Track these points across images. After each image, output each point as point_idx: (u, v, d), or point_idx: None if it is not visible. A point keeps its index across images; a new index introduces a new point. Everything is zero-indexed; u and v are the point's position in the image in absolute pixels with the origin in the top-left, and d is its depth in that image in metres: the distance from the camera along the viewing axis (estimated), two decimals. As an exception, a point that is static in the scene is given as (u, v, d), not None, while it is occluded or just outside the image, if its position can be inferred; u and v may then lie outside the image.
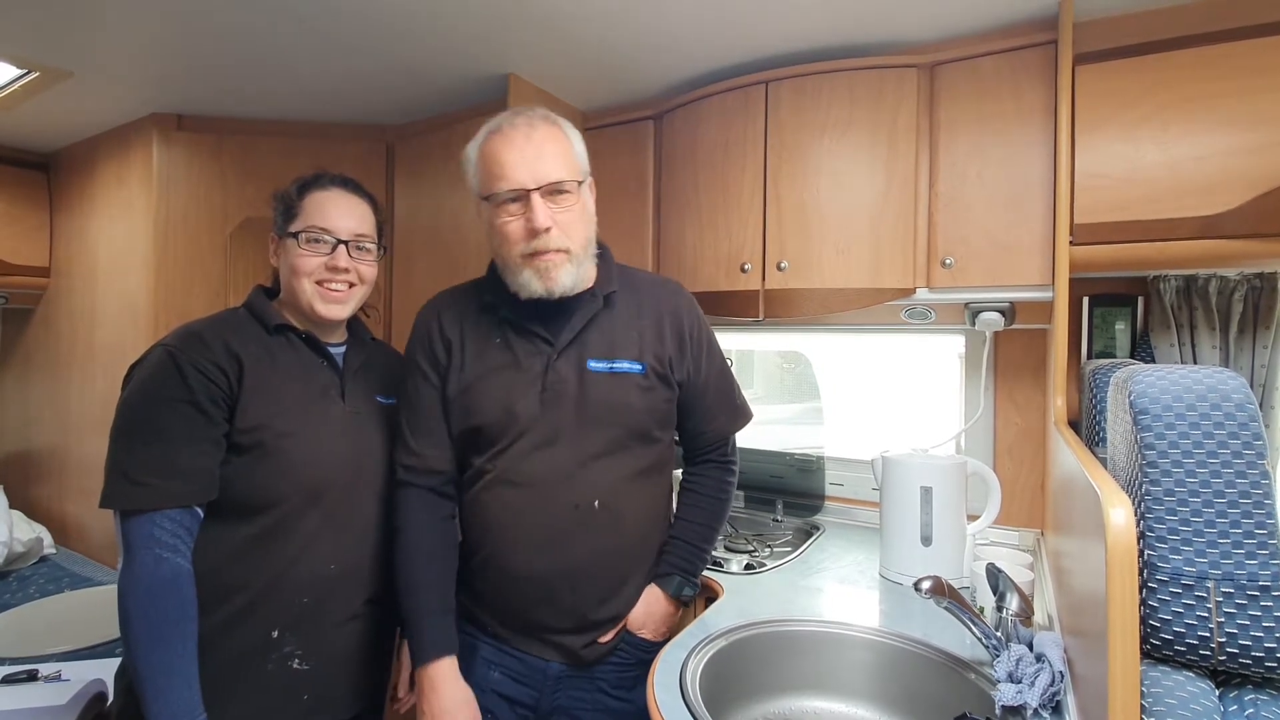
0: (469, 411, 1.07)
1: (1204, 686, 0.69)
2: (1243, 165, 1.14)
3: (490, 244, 1.09)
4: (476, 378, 1.07)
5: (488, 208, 1.06)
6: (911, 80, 1.48)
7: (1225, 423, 0.66)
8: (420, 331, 1.12)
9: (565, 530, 1.06)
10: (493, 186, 1.03)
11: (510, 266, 1.05)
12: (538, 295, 1.04)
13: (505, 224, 1.03)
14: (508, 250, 1.04)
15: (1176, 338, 1.44)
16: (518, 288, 1.05)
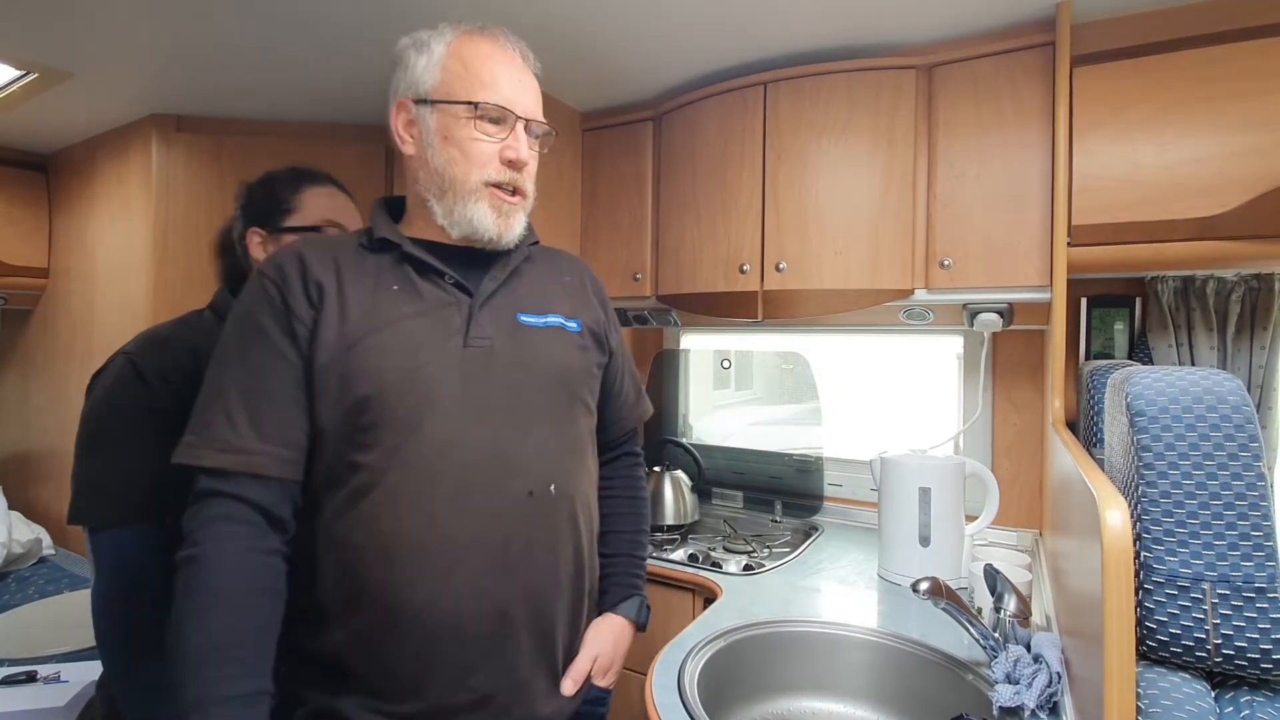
0: (353, 379, 0.76)
1: (1200, 688, 0.69)
2: (1240, 167, 1.14)
3: (422, 163, 0.85)
4: (367, 332, 0.78)
5: (444, 116, 0.84)
6: (910, 82, 1.48)
7: (1222, 424, 0.66)
8: (267, 280, 0.79)
9: (521, 531, 0.81)
10: (476, 93, 0.84)
11: (459, 192, 0.84)
12: (484, 237, 0.85)
13: (475, 140, 0.84)
14: (465, 171, 0.83)
15: (1174, 338, 1.44)
16: (455, 222, 0.85)
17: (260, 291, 0.80)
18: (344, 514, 0.77)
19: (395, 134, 0.87)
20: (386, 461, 0.77)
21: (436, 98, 0.84)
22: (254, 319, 0.78)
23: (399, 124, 0.87)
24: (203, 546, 0.71)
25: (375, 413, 0.77)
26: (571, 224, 1.96)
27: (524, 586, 0.81)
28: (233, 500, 0.73)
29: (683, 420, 2.23)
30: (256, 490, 0.74)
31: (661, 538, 1.74)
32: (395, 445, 0.77)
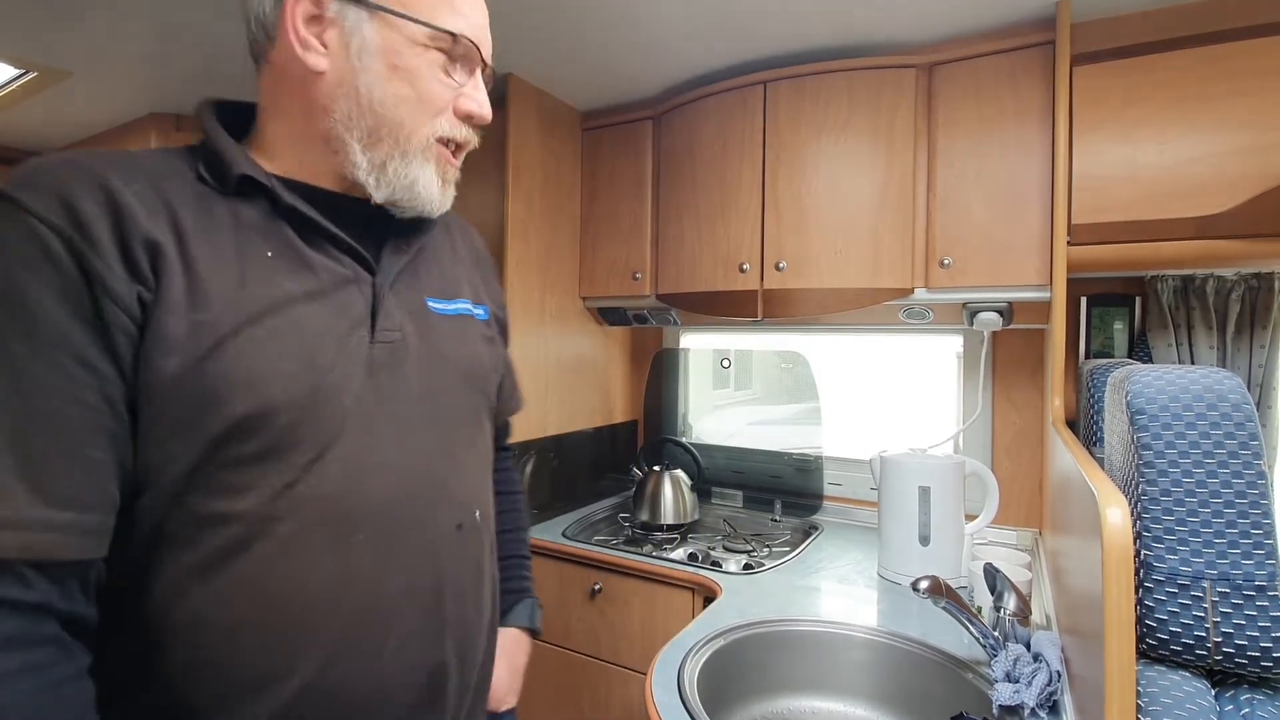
0: (221, 394, 0.53)
1: (1200, 686, 0.69)
2: (1240, 166, 1.14)
3: (345, 88, 0.61)
4: (239, 321, 0.55)
5: (391, 33, 0.61)
6: (909, 80, 1.48)
7: (1222, 423, 0.66)
8: (44, 227, 0.50)
9: (453, 573, 0.66)
10: (442, 16, 0.63)
11: (402, 144, 0.63)
12: (420, 208, 0.67)
13: (434, 81, 0.64)
14: (414, 117, 0.63)
15: (1174, 337, 1.44)
16: (389, 181, 0.64)
17: (33, 251, 0.49)
18: (200, 585, 0.54)
19: (287, 27, 0.59)
20: (274, 507, 0.55)
21: (384, 3, 0.61)
22: (25, 302, 0.48)
23: (296, 15, 0.59)
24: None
25: (259, 440, 0.55)
26: (571, 223, 1.96)
27: (457, 636, 0.66)
28: (12, 612, 0.47)
29: (682, 420, 2.23)
30: (45, 586, 0.48)
31: (661, 537, 1.74)
32: (290, 482, 0.56)
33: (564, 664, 1.66)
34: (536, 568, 1.72)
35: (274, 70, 0.62)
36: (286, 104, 0.63)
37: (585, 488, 2.05)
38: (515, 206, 1.72)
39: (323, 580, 0.57)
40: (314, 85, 0.61)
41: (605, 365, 2.14)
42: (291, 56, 0.60)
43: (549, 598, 1.70)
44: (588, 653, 1.63)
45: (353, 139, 0.62)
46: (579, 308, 2.01)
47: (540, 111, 1.81)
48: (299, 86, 0.62)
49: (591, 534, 1.77)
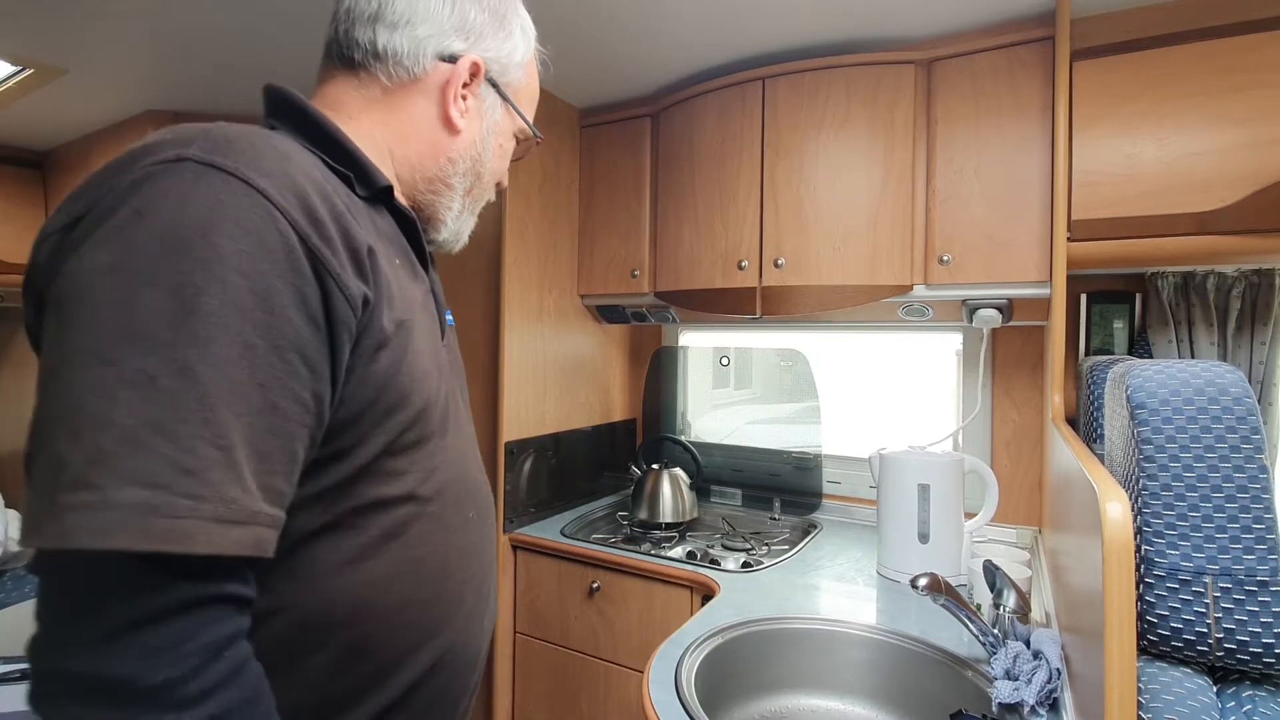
0: (408, 391, 0.59)
1: (1202, 683, 0.68)
2: (1239, 161, 1.13)
3: (468, 146, 0.72)
4: (410, 323, 0.61)
5: (507, 119, 0.76)
6: (909, 76, 1.48)
7: (1223, 417, 0.66)
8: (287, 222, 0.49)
9: (491, 560, 0.74)
10: (528, 106, 0.79)
11: (477, 200, 0.77)
12: (457, 247, 0.79)
13: (506, 158, 0.79)
14: (488, 171, 0.76)
15: (1174, 334, 1.44)
16: (458, 222, 0.76)
17: (276, 243, 0.48)
18: (364, 568, 0.57)
19: (448, 84, 0.68)
20: (425, 488, 0.61)
21: (517, 101, 0.76)
22: (268, 295, 0.47)
23: (457, 82, 0.69)
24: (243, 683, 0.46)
25: (418, 430, 0.61)
26: (569, 221, 1.95)
27: (489, 622, 0.74)
28: (242, 609, 0.48)
29: (681, 418, 2.22)
30: (247, 581, 0.48)
31: (660, 535, 1.74)
32: (434, 467, 0.63)
33: (562, 662, 1.66)
34: (535, 565, 1.72)
35: (396, 101, 0.68)
36: (405, 135, 0.69)
37: (583, 486, 2.04)
38: (513, 204, 1.72)
39: (458, 553, 0.65)
40: (448, 137, 0.71)
41: (604, 363, 2.14)
42: (434, 104, 0.69)
43: (547, 596, 1.69)
44: (586, 651, 1.62)
45: (460, 189, 0.74)
46: (577, 306, 2.00)
47: (538, 108, 1.79)
48: (430, 130, 0.70)
49: (590, 532, 1.77)
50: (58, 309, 0.45)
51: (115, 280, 0.44)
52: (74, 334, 0.44)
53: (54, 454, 0.42)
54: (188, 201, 0.46)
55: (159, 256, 0.44)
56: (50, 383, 0.44)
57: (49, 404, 0.44)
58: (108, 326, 0.43)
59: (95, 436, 0.41)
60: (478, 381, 1.79)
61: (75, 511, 0.40)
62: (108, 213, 0.46)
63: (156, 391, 0.43)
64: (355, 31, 0.66)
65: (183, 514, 0.42)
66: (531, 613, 1.72)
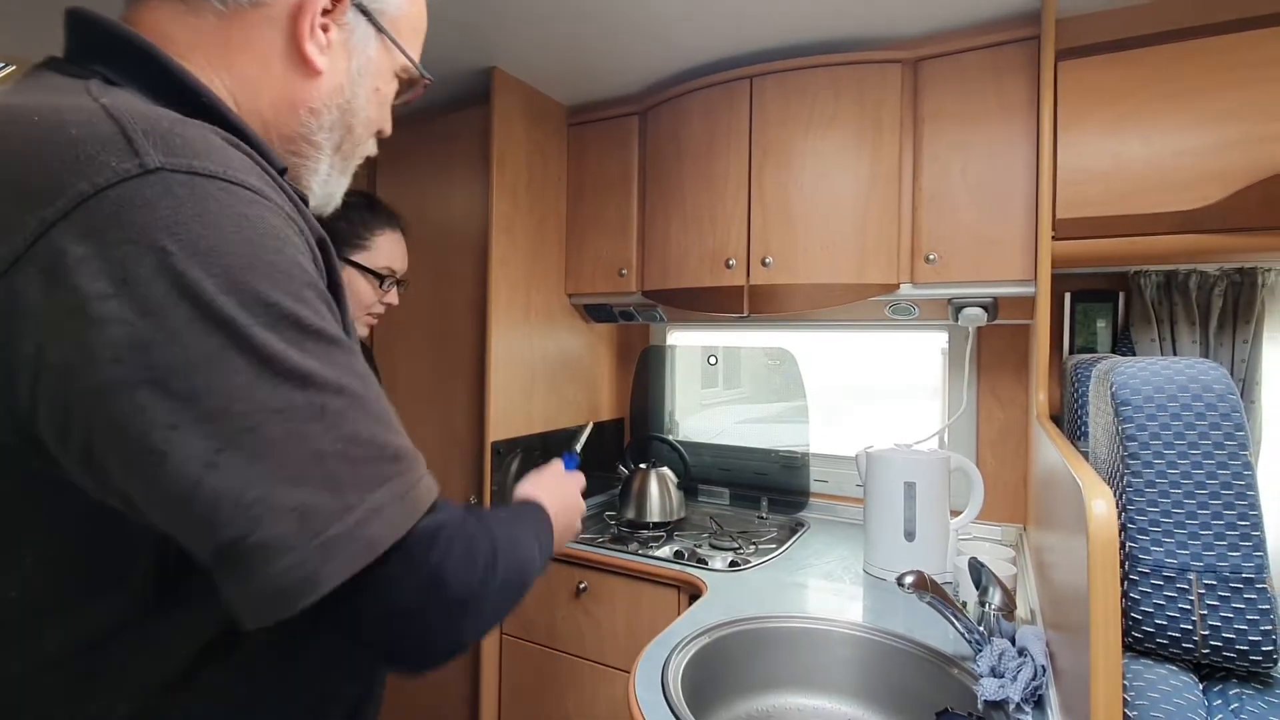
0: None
1: (1188, 679, 0.68)
2: (1222, 160, 1.14)
3: (335, 92, 0.58)
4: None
5: (386, 58, 0.62)
6: (895, 75, 1.48)
7: (1207, 413, 0.66)
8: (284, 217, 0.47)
9: None
10: (413, 37, 0.65)
11: (349, 157, 0.64)
12: (323, 212, 0.67)
13: (385, 105, 0.65)
14: (361, 122, 0.62)
15: (1157, 333, 1.45)
16: (326, 185, 0.63)
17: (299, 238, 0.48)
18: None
19: (297, 20, 0.54)
20: None
21: (390, 27, 0.61)
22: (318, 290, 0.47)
23: (312, 10, 0.54)
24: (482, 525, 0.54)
25: None
26: (556, 219, 1.94)
27: None
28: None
29: (669, 417, 2.22)
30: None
31: (647, 535, 1.73)
32: None
33: (549, 663, 1.65)
34: (521, 567, 1.71)
35: (238, 36, 0.53)
36: (251, 80, 0.54)
37: (571, 486, 2.03)
38: (500, 202, 1.70)
39: None
40: (304, 81, 0.56)
41: (591, 362, 2.13)
42: (284, 38, 0.54)
43: (533, 596, 1.68)
44: (572, 652, 1.61)
45: (326, 146, 0.60)
46: (564, 305, 1.99)
47: (525, 106, 1.79)
48: (282, 73, 0.55)
49: (577, 532, 1.75)
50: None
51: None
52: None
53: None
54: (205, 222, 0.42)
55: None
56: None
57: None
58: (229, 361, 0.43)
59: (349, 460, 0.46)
60: (464, 380, 1.77)
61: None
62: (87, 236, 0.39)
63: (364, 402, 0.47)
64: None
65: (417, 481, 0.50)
66: (518, 614, 1.70)
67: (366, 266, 1.17)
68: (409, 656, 0.49)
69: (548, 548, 0.66)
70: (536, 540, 0.62)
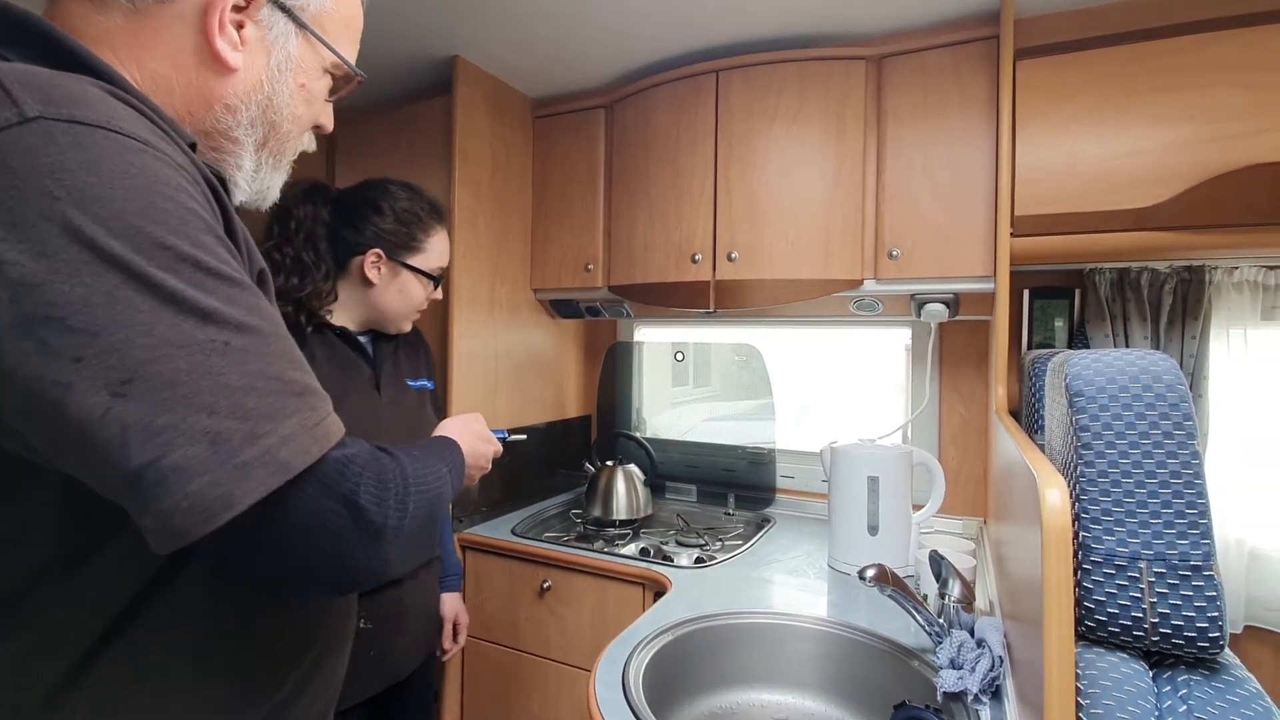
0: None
1: (1138, 667, 0.69)
2: (1174, 159, 1.17)
3: (253, 87, 0.58)
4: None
5: (308, 51, 0.61)
6: (859, 72, 1.49)
7: (1157, 403, 0.67)
8: (181, 174, 0.47)
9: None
10: (346, 47, 0.65)
11: (279, 154, 0.64)
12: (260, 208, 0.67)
13: (315, 100, 0.64)
14: (295, 131, 0.64)
15: (1110, 328, 1.48)
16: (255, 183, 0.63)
17: (201, 202, 0.48)
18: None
19: (213, 10, 0.53)
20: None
21: (312, 22, 0.60)
22: (222, 254, 0.48)
23: (225, 6, 0.54)
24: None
25: None
26: (522, 213, 1.91)
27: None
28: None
29: (636, 414, 2.20)
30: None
31: (613, 533, 1.71)
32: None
33: (512, 664, 1.62)
34: (484, 566, 1.68)
35: (148, 31, 0.52)
36: (164, 78, 0.54)
37: (536, 484, 2.00)
38: (463, 194, 1.67)
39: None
40: (218, 78, 0.56)
41: (557, 358, 2.10)
42: (195, 32, 0.54)
43: (497, 597, 1.65)
44: (537, 652, 1.59)
45: (250, 143, 0.60)
46: (530, 299, 1.96)
47: (489, 97, 1.75)
48: (193, 68, 0.55)
49: (542, 531, 1.73)
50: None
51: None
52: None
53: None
54: (96, 166, 0.42)
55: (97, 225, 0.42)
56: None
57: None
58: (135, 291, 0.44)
59: (237, 399, 0.47)
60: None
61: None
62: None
63: (278, 345, 0.50)
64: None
65: (320, 421, 0.52)
66: (480, 615, 1.67)
67: (422, 270, 1.20)
68: (326, 577, 0.51)
69: (458, 480, 0.70)
70: (449, 471, 0.65)
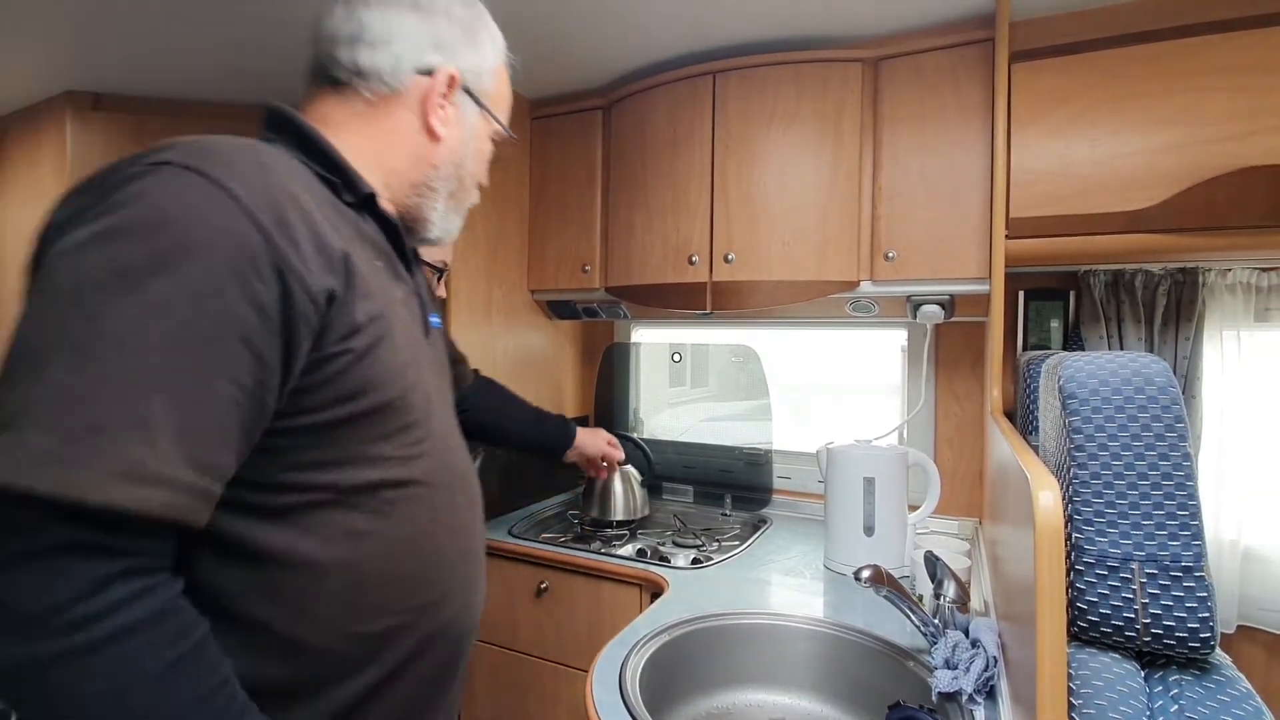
0: (382, 378, 0.63)
1: (1130, 667, 0.70)
2: (1166, 162, 1.18)
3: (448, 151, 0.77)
4: (386, 319, 0.65)
5: (485, 124, 0.80)
6: (856, 74, 1.49)
7: (1149, 405, 0.67)
8: (252, 226, 0.53)
9: (481, 546, 0.80)
10: (503, 110, 0.83)
11: (462, 201, 0.82)
12: (445, 242, 0.84)
13: (483, 152, 0.82)
14: (469, 174, 0.80)
15: (1105, 330, 1.49)
16: (444, 222, 0.80)
17: (234, 242, 0.52)
18: (358, 540, 0.63)
19: (429, 95, 0.73)
20: (410, 473, 0.67)
21: (487, 104, 0.80)
22: (220, 290, 0.51)
23: (435, 93, 0.73)
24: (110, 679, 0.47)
25: (398, 419, 0.66)
26: (519, 214, 1.92)
27: (479, 598, 0.80)
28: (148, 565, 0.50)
29: (633, 414, 2.21)
30: (164, 547, 0.52)
31: (611, 533, 1.72)
32: (417, 455, 0.68)
33: (510, 664, 1.62)
34: (482, 567, 1.68)
35: (380, 113, 0.73)
36: (390, 145, 0.73)
37: (534, 485, 2.01)
38: (459, 195, 1.67)
39: (448, 533, 0.71)
40: (430, 145, 0.75)
41: (555, 359, 2.11)
42: (415, 115, 0.73)
43: (494, 598, 1.65)
44: (534, 653, 1.59)
45: (444, 192, 0.78)
46: (527, 301, 1.96)
47: (486, 98, 1.76)
48: (413, 139, 0.74)
49: (539, 531, 1.74)
50: (37, 277, 0.52)
51: (80, 257, 0.49)
52: (37, 298, 0.50)
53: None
54: (159, 197, 0.51)
55: (123, 240, 0.50)
56: (11, 338, 0.49)
57: (8, 358, 0.49)
58: (62, 295, 0.49)
59: (28, 388, 0.47)
60: (423, 378, 1.74)
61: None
62: (94, 203, 0.52)
63: (87, 356, 0.47)
64: (337, 53, 0.71)
65: (83, 465, 0.45)
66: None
67: (427, 262, 1.16)
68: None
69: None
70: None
